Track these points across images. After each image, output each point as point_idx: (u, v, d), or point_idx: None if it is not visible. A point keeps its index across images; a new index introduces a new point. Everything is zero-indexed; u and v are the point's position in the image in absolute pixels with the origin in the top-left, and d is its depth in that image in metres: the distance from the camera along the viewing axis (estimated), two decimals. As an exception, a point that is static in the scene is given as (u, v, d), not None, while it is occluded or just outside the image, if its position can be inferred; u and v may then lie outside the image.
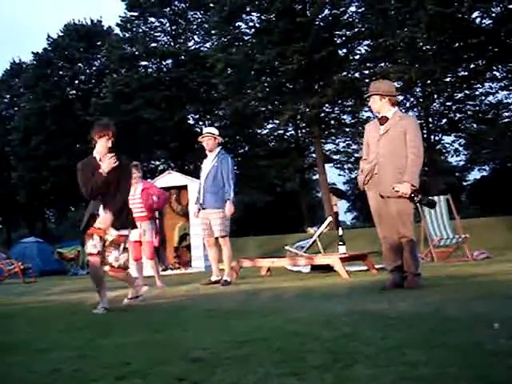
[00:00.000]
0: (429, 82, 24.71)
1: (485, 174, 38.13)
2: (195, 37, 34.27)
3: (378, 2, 22.88)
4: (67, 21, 38.57)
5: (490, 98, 26.00)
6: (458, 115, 27.27)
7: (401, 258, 5.08)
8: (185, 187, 13.59)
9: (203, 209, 7.23)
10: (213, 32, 29.42)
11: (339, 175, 35.04)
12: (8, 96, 41.47)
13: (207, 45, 32.59)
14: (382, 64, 24.99)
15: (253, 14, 27.36)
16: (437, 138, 28.45)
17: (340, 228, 9.48)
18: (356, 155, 30.20)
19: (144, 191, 7.80)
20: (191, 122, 34.42)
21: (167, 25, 34.07)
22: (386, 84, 5.52)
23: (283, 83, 27.06)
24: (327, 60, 24.69)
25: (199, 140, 7.62)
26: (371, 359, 2.07)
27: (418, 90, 26.96)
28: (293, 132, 31.84)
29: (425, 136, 27.34)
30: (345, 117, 29.97)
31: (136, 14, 33.00)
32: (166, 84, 31.14)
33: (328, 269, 7.81)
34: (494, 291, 4.28)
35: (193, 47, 33.81)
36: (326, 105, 27.86)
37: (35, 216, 43.29)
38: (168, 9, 33.29)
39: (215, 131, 7.59)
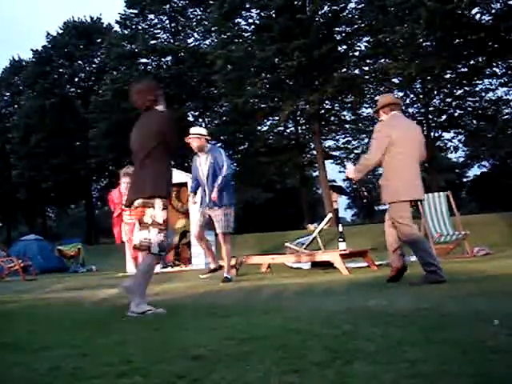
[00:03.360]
0: (429, 78, 24.73)
1: (485, 170, 38.20)
2: (195, 34, 34.29)
3: (377, -2, 22.91)
4: (67, 18, 38.62)
5: (490, 94, 26.09)
6: (458, 111, 27.30)
7: (397, 256, 5.44)
8: (185, 184, 13.56)
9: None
10: (212, 29, 29.44)
11: (339, 172, 35.09)
12: (8, 94, 41.45)
13: (207, 42, 32.64)
14: (382, 60, 24.99)
15: (252, 10, 27.39)
16: (436, 134, 28.46)
17: (340, 225, 9.47)
18: (356, 151, 30.23)
19: None
20: (191, 118, 34.42)
21: (167, 22, 34.08)
22: (378, 99, 5.76)
23: (283, 80, 27.07)
24: (327, 56, 24.70)
25: (186, 141, 7.54)
26: (371, 356, 2.07)
27: (417, 87, 26.98)
28: (293, 128, 31.87)
29: (425, 133, 27.34)
30: (345, 113, 30.00)
31: (136, 11, 33.02)
32: (166, 81, 31.10)
33: (328, 265, 7.82)
34: (494, 288, 4.28)
35: (192, 44, 33.80)
36: (326, 101, 27.89)
37: (35, 214, 43.31)
38: (167, 6, 33.28)
39: (201, 131, 7.59)
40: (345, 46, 26.99)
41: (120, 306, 4.80)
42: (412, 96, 27.92)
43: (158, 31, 34.17)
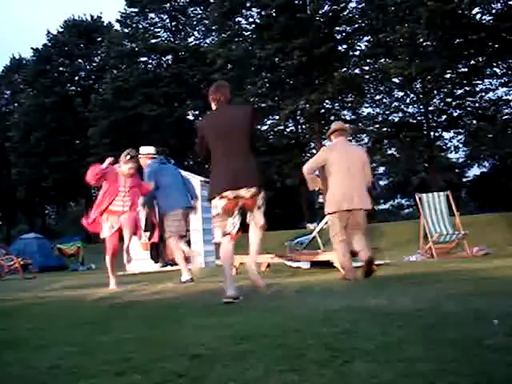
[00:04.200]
0: (429, 78, 24.73)
1: (484, 170, 38.16)
2: (195, 32, 34.32)
3: (377, -2, 22.92)
4: (67, 17, 38.63)
5: (490, 94, 26.08)
6: (458, 111, 27.29)
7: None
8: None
9: None
10: (213, 28, 29.44)
11: (339, 171, 35.01)
12: (8, 92, 41.48)
13: (207, 40, 32.66)
14: (382, 60, 24.99)
15: (253, 9, 27.39)
16: (436, 134, 28.46)
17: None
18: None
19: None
20: (191, 117, 34.44)
21: (167, 21, 34.10)
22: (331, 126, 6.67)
23: (283, 79, 27.08)
24: (327, 56, 24.70)
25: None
26: (371, 355, 2.07)
27: (417, 86, 26.98)
28: (293, 128, 31.88)
29: (424, 132, 27.38)
30: (345, 112, 30.02)
31: (136, 9, 33.04)
32: (166, 80, 31.12)
33: (328, 265, 7.82)
34: (494, 287, 4.29)
35: (193, 43, 33.83)
36: (326, 101, 27.88)
37: (35, 212, 43.33)
38: (168, 4, 33.30)
39: (142, 150, 7.95)
40: (345, 46, 27.00)
41: (119, 305, 4.81)
42: (412, 96, 27.92)
43: (159, 30, 34.20)
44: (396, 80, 25.54)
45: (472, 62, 23.52)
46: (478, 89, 25.99)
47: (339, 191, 6.15)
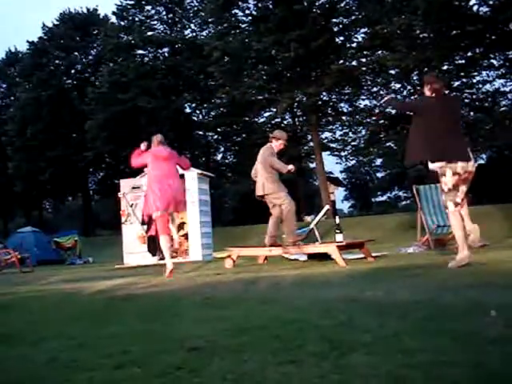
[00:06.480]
0: (426, 69, 24.64)
1: (482, 162, 38.16)
2: (192, 25, 34.19)
3: (374, -11, 22.83)
4: (63, 9, 38.38)
5: (487, 86, 25.99)
6: (455, 103, 27.18)
7: None
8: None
9: None
10: (209, 20, 29.30)
11: (336, 163, 35.03)
12: (4, 85, 41.32)
13: (204, 33, 32.51)
14: (379, 52, 24.91)
15: (249, 1, 27.24)
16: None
17: (337, 216, 9.48)
18: (353, 143, 30.20)
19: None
20: (188, 110, 34.36)
21: (163, 13, 33.95)
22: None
23: (280, 71, 26.97)
24: (324, 48, 24.62)
25: None
26: (368, 347, 2.08)
27: (415, 78, 26.90)
28: (290, 120, 31.79)
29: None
30: (342, 105, 29.94)
31: (132, 2, 32.89)
32: (163, 73, 31.02)
33: (325, 257, 7.82)
34: (491, 279, 4.29)
35: (189, 35, 33.71)
36: (324, 93, 27.80)
37: (32, 206, 43.24)
38: (164, -3, 33.15)
39: None
40: (342, 38, 26.89)
41: (117, 298, 4.81)
42: (409, 87, 27.86)
43: (155, 22, 34.05)
44: (393, 72, 25.48)
45: (469, 53, 23.46)
46: (475, 80, 25.94)
47: None
